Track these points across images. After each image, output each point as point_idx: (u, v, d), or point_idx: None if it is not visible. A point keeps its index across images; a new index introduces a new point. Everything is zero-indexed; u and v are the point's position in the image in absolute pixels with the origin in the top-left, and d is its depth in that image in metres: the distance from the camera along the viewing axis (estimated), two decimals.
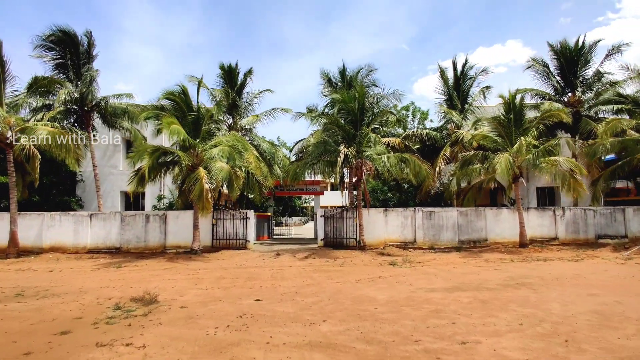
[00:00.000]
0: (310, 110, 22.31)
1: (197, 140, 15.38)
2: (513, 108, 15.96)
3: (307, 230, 35.35)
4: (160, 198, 21.84)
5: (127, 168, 21.83)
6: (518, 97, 16.35)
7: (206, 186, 13.99)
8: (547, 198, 25.03)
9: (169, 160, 15.14)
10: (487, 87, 20.86)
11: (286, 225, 37.99)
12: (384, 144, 18.55)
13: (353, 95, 15.36)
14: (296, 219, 39.62)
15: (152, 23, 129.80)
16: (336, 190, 49.68)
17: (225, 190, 21.89)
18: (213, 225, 16.60)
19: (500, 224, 17.32)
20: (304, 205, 42.05)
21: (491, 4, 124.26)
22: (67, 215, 16.51)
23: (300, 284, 9.12)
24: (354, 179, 15.63)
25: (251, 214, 16.82)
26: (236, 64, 20.75)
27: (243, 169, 16.14)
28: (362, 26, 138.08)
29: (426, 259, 13.71)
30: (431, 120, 31.55)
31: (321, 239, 16.87)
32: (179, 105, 15.10)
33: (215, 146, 15.25)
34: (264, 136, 22.59)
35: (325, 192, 29.26)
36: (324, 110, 22.30)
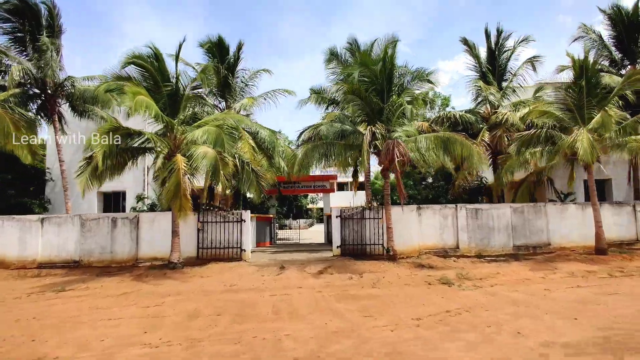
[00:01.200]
0: (315, 92, 18.72)
1: (176, 119, 11.77)
2: (585, 72, 12.21)
3: (313, 233, 31.63)
4: (140, 198, 18.22)
5: None
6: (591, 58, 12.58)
7: (185, 179, 10.36)
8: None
9: (136, 145, 11.47)
10: (536, 57, 16.99)
11: (291, 229, 34.19)
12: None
13: (377, 58, 11.66)
14: (302, 221, 35.80)
15: (153, 28, 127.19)
16: (345, 190, 45.99)
17: (219, 188, 18.30)
18: (198, 230, 12.92)
19: (565, 223, 13.54)
20: (310, 206, 38.25)
21: (491, 3, 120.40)
22: (11, 220, 12.88)
23: (321, 330, 5.41)
24: (381, 167, 11.91)
25: (247, 215, 13.13)
26: (218, 38, 16.98)
27: (237, 156, 12.47)
28: (363, 28, 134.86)
29: (485, 272, 9.97)
30: (453, 107, 27.85)
31: (337, 246, 13.15)
32: (150, 74, 11.46)
33: (199, 127, 11.65)
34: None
35: (332, 193, 25.56)
36: (332, 96, 18.65)
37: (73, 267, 12.53)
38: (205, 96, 16.99)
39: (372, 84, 11.53)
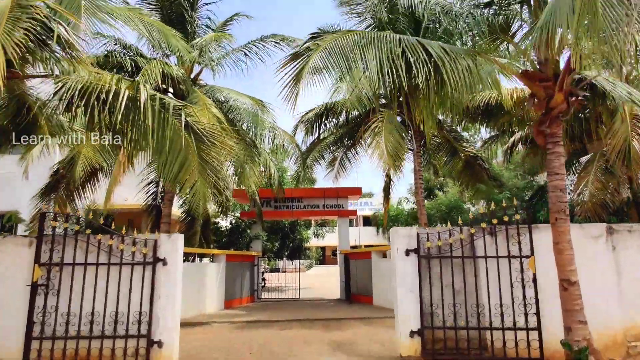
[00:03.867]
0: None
1: None
2: None
3: (314, 279, 23.12)
4: (15, 219, 10.07)
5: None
6: None
7: None
8: None
9: None
10: None
11: (285, 272, 25.18)
12: None
13: None
14: (298, 262, 26.46)
15: None
16: (350, 225, 37.61)
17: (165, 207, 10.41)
18: (37, 287, 4.74)
19: None
20: (311, 243, 29.34)
21: None
22: None
23: None
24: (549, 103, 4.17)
25: (174, 243, 5.03)
26: None
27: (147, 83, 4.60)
28: None
29: None
30: None
31: (413, 332, 4.99)
32: None
33: None
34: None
35: (353, 216, 17.57)
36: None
37: None
38: None
39: None
